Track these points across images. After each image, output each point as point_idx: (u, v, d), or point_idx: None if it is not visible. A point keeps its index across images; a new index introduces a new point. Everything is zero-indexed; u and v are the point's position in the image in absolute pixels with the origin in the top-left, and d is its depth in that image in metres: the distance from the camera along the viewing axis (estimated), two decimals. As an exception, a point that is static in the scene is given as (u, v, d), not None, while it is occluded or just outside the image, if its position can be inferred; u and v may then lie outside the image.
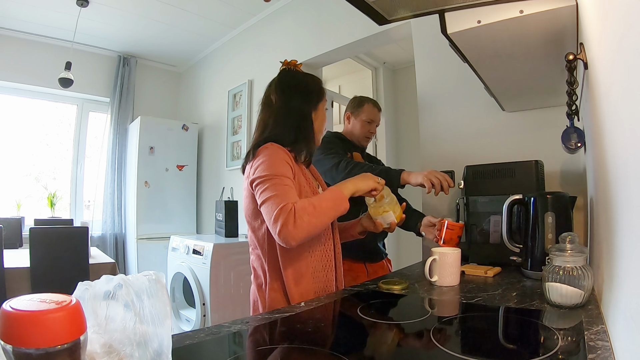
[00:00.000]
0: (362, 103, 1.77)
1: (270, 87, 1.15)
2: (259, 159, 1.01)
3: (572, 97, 0.96)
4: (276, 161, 1.00)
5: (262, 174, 0.98)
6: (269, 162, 0.99)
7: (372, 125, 1.75)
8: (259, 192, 0.97)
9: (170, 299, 0.43)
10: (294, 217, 0.89)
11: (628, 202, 0.48)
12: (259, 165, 1.00)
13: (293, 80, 1.13)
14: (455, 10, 0.88)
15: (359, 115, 1.75)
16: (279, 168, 0.99)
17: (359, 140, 1.77)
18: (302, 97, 1.11)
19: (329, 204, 0.97)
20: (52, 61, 3.57)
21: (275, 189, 0.95)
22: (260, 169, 0.99)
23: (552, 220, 1.12)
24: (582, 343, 0.62)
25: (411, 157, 3.63)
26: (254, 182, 1.00)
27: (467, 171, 1.51)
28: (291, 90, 1.11)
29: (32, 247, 2.07)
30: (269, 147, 1.03)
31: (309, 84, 1.14)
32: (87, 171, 4.02)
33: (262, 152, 1.02)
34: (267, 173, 0.97)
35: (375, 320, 0.84)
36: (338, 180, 1.46)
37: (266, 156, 1.01)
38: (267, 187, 0.95)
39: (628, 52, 0.42)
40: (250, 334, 0.75)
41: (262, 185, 0.97)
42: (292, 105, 1.10)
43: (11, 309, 0.29)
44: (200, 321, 2.50)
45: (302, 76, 1.16)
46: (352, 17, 2.48)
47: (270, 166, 0.98)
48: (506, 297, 0.95)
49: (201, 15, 3.36)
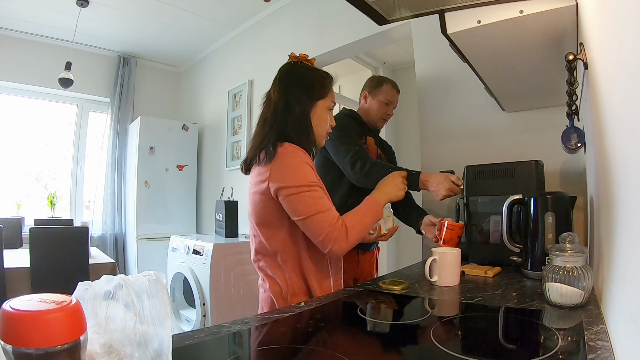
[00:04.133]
0: (381, 83, 1.69)
1: (274, 81, 1.10)
2: (281, 163, 0.96)
3: (572, 97, 0.96)
4: (303, 167, 0.97)
5: (293, 184, 0.94)
6: (296, 169, 0.96)
7: (389, 107, 1.69)
8: (295, 205, 0.95)
9: (170, 299, 0.43)
10: (346, 235, 0.96)
11: (628, 202, 0.48)
12: (285, 172, 0.95)
13: (295, 73, 1.08)
14: (455, 10, 0.88)
15: (376, 96, 1.68)
16: (308, 176, 0.96)
17: (375, 122, 1.70)
18: (301, 92, 1.05)
19: (372, 218, 1.04)
20: (52, 61, 3.57)
21: (315, 203, 0.95)
22: (289, 178, 0.95)
23: (552, 220, 1.12)
24: (582, 343, 0.61)
25: (411, 157, 3.63)
26: (282, 191, 0.95)
27: (467, 171, 1.51)
28: (289, 84, 1.06)
29: (32, 247, 2.07)
30: (289, 150, 0.98)
31: (311, 78, 1.07)
32: (87, 171, 4.02)
33: (282, 156, 0.97)
34: (299, 184, 0.94)
35: (375, 320, 0.84)
36: (353, 179, 1.45)
37: (291, 162, 0.96)
38: (306, 200, 0.94)
39: (628, 52, 0.42)
40: (250, 334, 0.75)
41: (296, 197, 0.94)
42: (290, 100, 1.04)
43: (11, 309, 0.29)
44: (200, 321, 2.50)
45: (305, 70, 1.09)
46: (352, 17, 2.47)
47: (299, 175, 0.95)
48: (506, 297, 0.95)
49: (201, 15, 3.36)
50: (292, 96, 1.04)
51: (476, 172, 1.48)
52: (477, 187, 1.47)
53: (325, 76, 1.11)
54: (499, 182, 1.42)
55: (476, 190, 1.47)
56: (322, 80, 1.09)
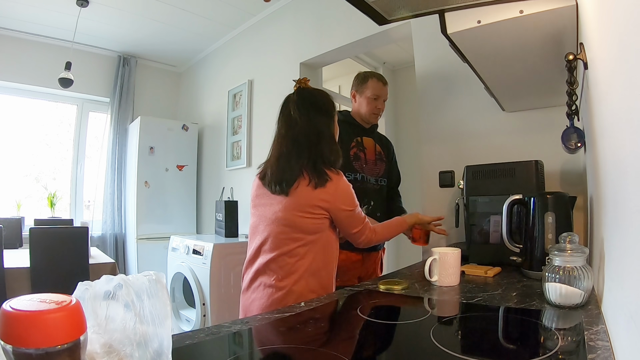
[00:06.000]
0: (367, 79, 1.68)
1: (288, 104, 1.23)
2: (342, 191, 1.17)
3: (572, 97, 0.96)
4: (353, 194, 1.21)
5: (350, 209, 1.19)
6: (351, 195, 1.20)
7: (378, 101, 1.67)
8: (350, 221, 1.20)
9: (170, 299, 0.43)
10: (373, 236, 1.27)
11: (627, 201, 0.48)
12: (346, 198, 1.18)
13: (310, 97, 1.23)
14: (455, 10, 0.88)
15: (363, 93, 1.67)
16: (355, 200, 1.21)
17: (367, 119, 1.69)
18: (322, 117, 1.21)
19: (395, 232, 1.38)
20: (52, 61, 3.56)
21: (360, 216, 1.23)
22: (350, 203, 1.19)
23: (552, 220, 1.12)
24: (582, 343, 0.61)
25: (411, 157, 3.63)
26: (342, 213, 1.18)
27: (467, 171, 1.51)
28: (314, 109, 1.20)
29: (32, 247, 2.07)
30: (341, 179, 1.18)
31: (324, 100, 1.24)
32: (87, 171, 4.01)
33: (342, 184, 1.17)
34: (353, 208, 1.20)
35: (375, 320, 0.84)
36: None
37: (348, 190, 1.19)
38: (357, 217, 1.22)
39: (628, 52, 0.42)
40: (251, 334, 0.75)
41: (352, 216, 1.20)
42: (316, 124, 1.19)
43: (11, 309, 0.29)
44: (200, 321, 2.50)
45: (317, 94, 1.25)
46: (352, 17, 2.48)
47: (354, 200, 1.21)
48: (506, 297, 0.95)
49: (201, 15, 3.36)
50: (319, 121, 1.20)
51: (476, 172, 1.48)
52: (477, 187, 1.47)
53: (329, 95, 1.28)
54: (498, 182, 1.42)
55: (476, 190, 1.47)
56: (330, 99, 1.26)
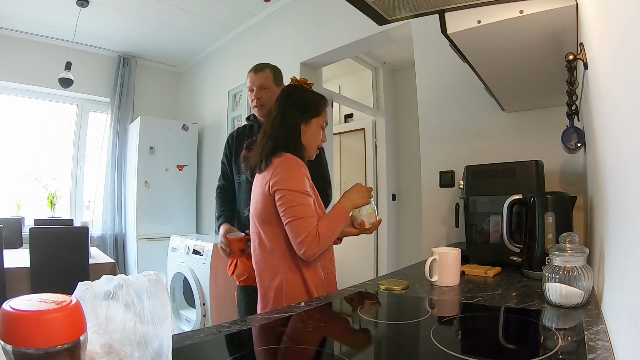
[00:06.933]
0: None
1: (275, 100, 1.25)
2: (284, 168, 1.10)
3: (572, 97, 0.96)
4: (300, 176, 1.11)
5: (289, 188, 1.08)
6: (294, 175, 1.10)
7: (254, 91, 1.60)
8: (284, 207, 1.08)
9: (170, 299, 0.43)
10: (317, 242, 1.07)
11: (628, 202, 0.48)
12: (284, 175, 1.09)
13: (293, 94, 1.23)
14: (455, 10, 0.88)
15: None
16: (303, 184, 1.10)
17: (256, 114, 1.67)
18: (296, 110, 1.20)
19: (340, 225, 1.15)
20: (52, 61, 3.56)
21: (301, 209, 1.07)
22: (287, 182, 1.08)
23: (552, 220, 1.12)
24: (582, 343, 0.61)
25: (411, 157, 3.63)
26: (278, 192, 1.09)
27: (467, 171, 1.51)
28: (288, 102, 1.21)
29: (32, 247, 2.07)
30: (291, 159, 1.12)
31: (307, 99, 1.22)
32: (87, 171, 4.01)
33: (286, 162, 1.11)
34: (294, 189, 1.08)
35: (375, 321, 0.84)
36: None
37: (292, 169, 1.11)
38: (294, 205, 1.07)
39: (628, 52, 0.42)
40: (251, 334, 0.75)
41: (287, 200, 1.07)
42: (286, 116, 1.19)
43: (11, 309, 0.29)
44: (200, 321, 2.50)
45: (303, 92, 1.24)
46: (352, 17, 2.47)
47: (296, 182, 1.09)
48: (506, 297, 0.95)
49: (201, 15, 3.36)
50: (288, 113, 1.19)
51: (476, 172, 1.48)
52: (477, 187, 1.47)
53: (321, 98, 1.25)
54: (499, 182, 1.42)
55: (476, 190, 1.47)
56: (317, 101, 1.24)
